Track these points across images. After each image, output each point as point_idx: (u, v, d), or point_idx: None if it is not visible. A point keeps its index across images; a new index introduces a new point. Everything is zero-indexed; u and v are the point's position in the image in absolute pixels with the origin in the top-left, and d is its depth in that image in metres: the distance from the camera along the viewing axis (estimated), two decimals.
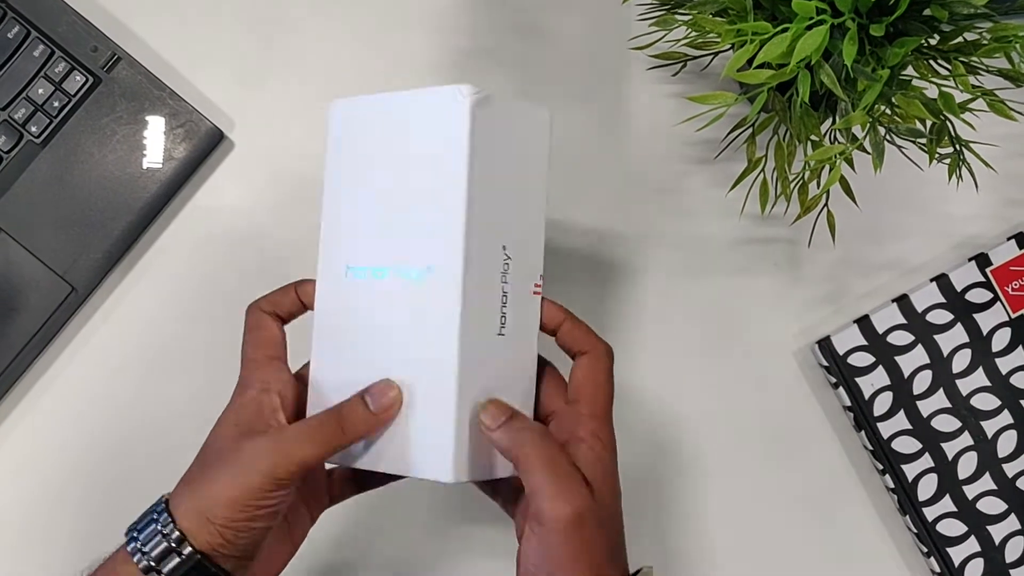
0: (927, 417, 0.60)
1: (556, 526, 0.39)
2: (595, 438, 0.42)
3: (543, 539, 0.39)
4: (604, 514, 0.40)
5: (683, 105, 0.63)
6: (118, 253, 0.62)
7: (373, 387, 0.43)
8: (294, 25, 0.65)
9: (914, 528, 0.60)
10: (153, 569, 0.41)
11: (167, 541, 0.41)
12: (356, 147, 0.45)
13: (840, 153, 0.47)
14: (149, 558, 0.41)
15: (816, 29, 0.42)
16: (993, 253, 0.61)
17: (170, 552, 0.40)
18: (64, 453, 0.62)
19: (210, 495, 0.41)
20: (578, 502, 0.39)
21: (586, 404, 0.43)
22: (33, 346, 0.61)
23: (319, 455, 0.41)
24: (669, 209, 0.63)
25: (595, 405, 0.43)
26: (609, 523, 0.41)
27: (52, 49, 0.62)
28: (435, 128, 0.42)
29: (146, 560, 0.41)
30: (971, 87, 0.46)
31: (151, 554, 0.41)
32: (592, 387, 0.43)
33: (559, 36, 0.64)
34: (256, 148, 0.64)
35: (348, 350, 0.45)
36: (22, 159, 0.62)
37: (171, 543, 0.41)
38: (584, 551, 0.39)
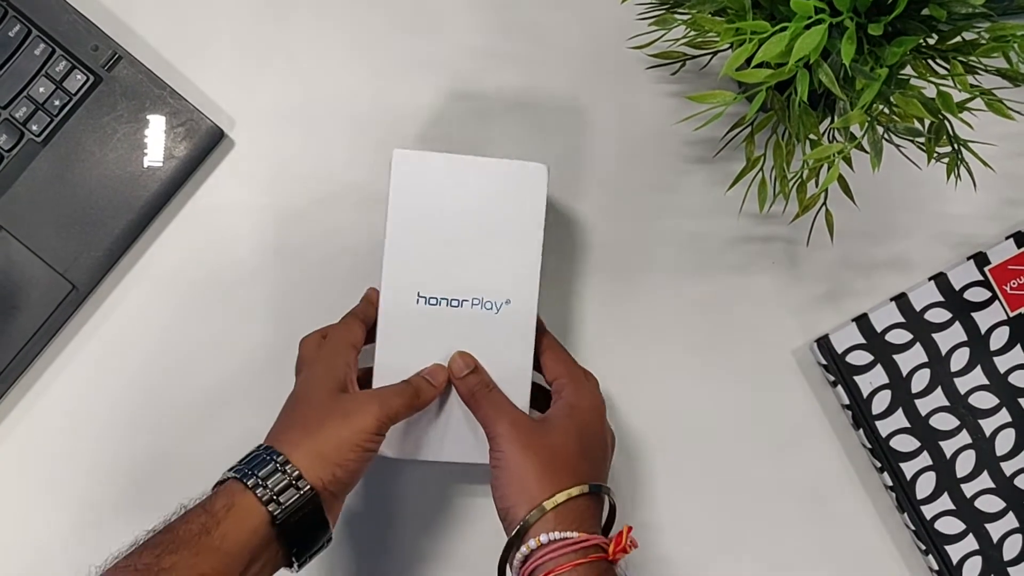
0: (925, 415, 0.60)
1: (497, 442, 0.51)
2: (559, 393, 0.55)
3: (494, 458, 0.51)
4: (554, 436, 0.51)
5: (682, 104, 0.63)
6: (119, 251, 0.62)
7: (427, 370, 0.54)
8: (295, 24, 0.65)
9: (912, 526, 0.60)
10: (273, 500, 0.47)
11: (287, 477, 0.47)
12: (422, 197, 0.55)
13: (838, 152, 0.47)
14: (271, 491, 0.47)
15: (814, 28, 0.43)
16: (991, 252, 0.62)
17: (289, 486, 0.47)
18: (65, 450, 0.62)
19: (328, 437, 0.49)
20: (513, 424, 0.51)
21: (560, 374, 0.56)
22: (34, 344, 0.61)
23: (406, 409, 0.52)
24: (668, 207, 0.64)
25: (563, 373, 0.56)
26: (564, 442, 0.51)
27: (53, 48, 0.62)
28: (515, 194, 0.55)
29: (269, 493, 0.46)
30: (969, 86, 0.46)
31: (273, 488, 0.47)
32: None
33: (558, 35, 0.64)
34: (256, 147, 0.64)
35: (415, 361, 0.54)
36: (23, 158, 0.62)
37: (290, 479, 0.47)
38: (526, 457, 0.50)
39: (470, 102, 0.64)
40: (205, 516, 0.46)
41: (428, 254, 0.55)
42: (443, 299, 0.55)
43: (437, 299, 0.55)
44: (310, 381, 0.52)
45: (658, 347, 0.63)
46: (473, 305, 0.55)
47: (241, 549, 0.46)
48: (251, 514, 0.46)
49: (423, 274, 0.55)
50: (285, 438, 0.49)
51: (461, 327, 0.55)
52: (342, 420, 0.50)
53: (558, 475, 0.50)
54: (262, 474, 0.47)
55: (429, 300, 0.55)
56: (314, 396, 0.51)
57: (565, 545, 0.48)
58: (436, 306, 0.55)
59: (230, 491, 0.47)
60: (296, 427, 0.50)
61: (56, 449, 0.62)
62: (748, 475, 0.62)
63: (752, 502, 0.62)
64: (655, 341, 0.63)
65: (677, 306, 0.63)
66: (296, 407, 0.52)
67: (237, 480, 0.47)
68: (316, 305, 0.60)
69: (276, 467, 0.47)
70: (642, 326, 0.63)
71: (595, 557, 0.48)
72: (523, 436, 0.51)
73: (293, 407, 0.52)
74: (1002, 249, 0.62)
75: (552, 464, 0.50)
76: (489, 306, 0.55)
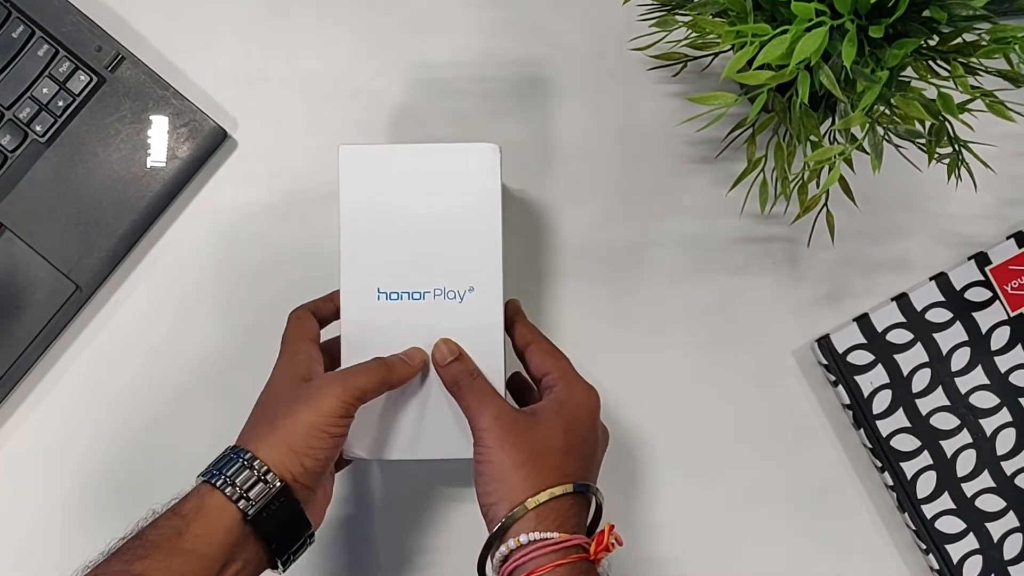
0: (926, 415, 0.61)
1: (480, 436, 0.50)
2: (549, 388, 0.53)
3: (478, 452, 0.50)
4: (540, 431, 0.50)
5: (684, 105, 0.64)
6: (122, 251, 0.62)
7: (406, 352, 0.53)
8: (297, 25, 0.65)
9: (913, 525, 0.60)
10: (243, 497, 0.46)
11: (255, 473, 0.46)
12: (374, 191, 0.53)
13: (839, 154, 0.47)
14: (239, 489, 0.46)
15: (815, 31, 0.43)
16: (992, 252, 0.62)
17: (258, 482, 0.46)
18: (69, 450, 0.62)
19: (292, 425, 0.48)
20: (496, 416, 0.50)
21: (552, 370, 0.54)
22: (38, 344, 0.62)
23: (375, 387, 0.50)
24: (669, 208, 0.64)
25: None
26: (551, 438, 0.50)
27: (56, 49, 0.62)
28: (467, 178, 0.53)
29: (237, 491, 0.46)
30: (970, 88, 0.46)
31: (241, 486, 0.46)
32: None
33: (559, 36, 0.65)
34: (259, 147, 0.64)
35: (383, 352, 0.52)
36: (27, 158, 0.62)
37: (258, 474, 0.46)
38: (510, 453, 0.49)
39: (472, 102, 0.64)
40: (176, 519, 0.46)
41: (385, 249, 0.53)
42: (404, 293, 0.53)
43: (398, 293, 0.53)
44: (272, 379, 0.52)
45: (659, 346, 0.63)
46: (436, 296, 0.53)
47: (215, 550, 0.45)
48: (222, 513, 0.46)
49: (382, 269, 0.53)
50: (251, 435, 0.49)
51: (426, 320, 0.53)
52: (304, 407, 0.48)
53: (543, 473, 0.49)
54: (229, 472, 0.46)
55: (390, 295, 0.53)
56: (276, 390, 0.51)
57: (545, 545, 0.47)
58: (397, 300, 0.53)
59: (199, 493, 0.47)
60: (261, 422, 0.49)
61: (60, 448, 0.62)
62: (748, 474, 0.62)
63: (752, 501, 0.62)
64: (656, 340, 0.63)
65: (678, 306, 0.63)
66: (261, 404, 0.51)
67: (206, 482, 0.47)
68: None
69: (243, 464, 0.47)
70: (643, 325, 0.63)
71: (576, 557, 0.47)
72: (508, 430, 0.49)
73: (258, 405, 0.51)
74: (1003, 249, 0.62)
75: (536, 461, 0.49)
76: (452, 295, 0.53)
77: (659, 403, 0.63)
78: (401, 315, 0.53)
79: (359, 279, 0.53)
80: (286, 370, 0.52)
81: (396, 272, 0.53)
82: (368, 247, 0.53)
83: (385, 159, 0.54)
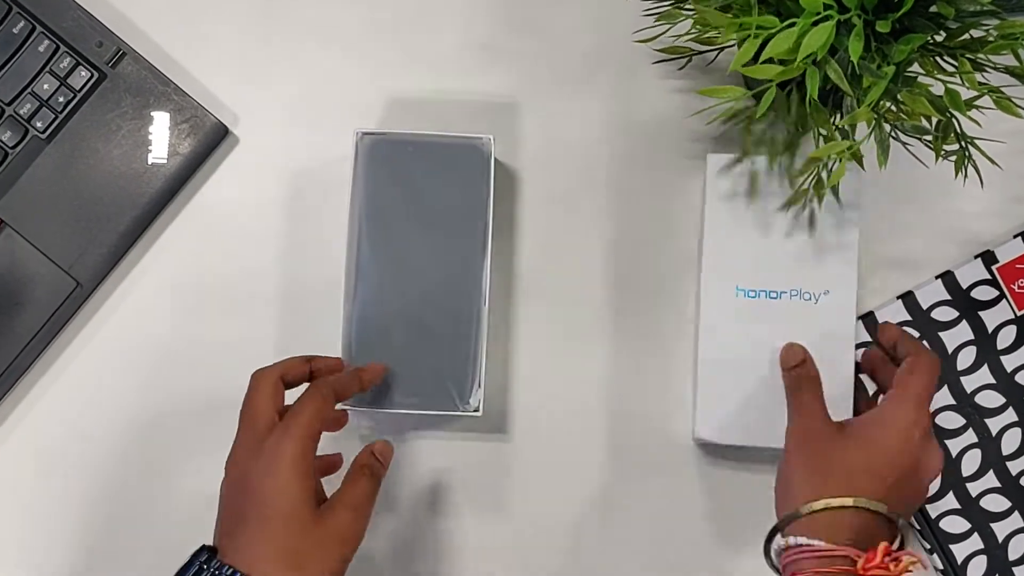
0: (931, 413, 0.60)
1: (786, 438, 0.53)
2: (886, 402, 0.53)
3: (783, 450, 0.53)
4: (841, 443, 0.51)
5: (689, 99, 0.63)
6: (123, 248, 0.62)
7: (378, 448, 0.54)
8: (298, 20, 0.65)
9: (917, 525, 0.60)
10: None
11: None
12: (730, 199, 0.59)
13: (847, 148, 0.46)
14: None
15: (822, 25, 0.42)
16: (999, 250, 0.61)
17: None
18: (69, 447, 0.62)
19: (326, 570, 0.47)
20: (805, 423, 0.53)
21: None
22: (38, 341, 0.61)
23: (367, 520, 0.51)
24: (673, 202, 0.63)
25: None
26: (849, 452, 0.51)
27: (57, 44, 0.62)
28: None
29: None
30: (977, 84, 0.46)
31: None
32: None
33: (564, 30, 0.64)
34: (260, 143, 0.64)
35: (740, 346, 0.58)
36: (27, 154, 0.62)
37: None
38: (800, 458, 0.51)
39: (475, 97, 0.64)
40: None
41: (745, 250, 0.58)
42: (761, 291, 0.58)
43: (756, 292, 0.58)
44: (280, 492, 0.47)
45: (661, 340, 0.63)
46: (792, 297, 0.58)
47: None
48: None
49: (741, 268, 0.58)
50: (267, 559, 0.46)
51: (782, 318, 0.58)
52: (334, 549, 0.47)
53: (827, 483, 0.49)
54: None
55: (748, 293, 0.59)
56: (292, 518, 0.47)
57: (811, 551, 0.47)
58: (755, 298, 0.58)
59: None
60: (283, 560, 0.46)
61: (61, 445, 0.62)
62: (750, 468, 0.62)
63: (756, 497, 0.62)
64: (659, 335, 0.63)
65: (681, 299, 0.63)
66: (268, 525, 0.47)
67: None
68: (321, 301, 0.60)
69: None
70: (644, 321, 0.63)
71: (839, 569, 0.47)
72: (808, 439, 0.51)
73: (265, 524, 0.47)
74: (1010, 247, 0.61)
75: (823, 471, 0.50)
76: (808, 297, 0.58)
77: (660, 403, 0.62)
78: (759, 313, 0.58)
79: (719, 276, 0.58)
80: (297, 488, 0.47)
81: (752, 272, 0.58)
82: (726, 247, 0.58)
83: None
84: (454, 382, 0.57)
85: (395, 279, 0.58)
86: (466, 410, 0.57)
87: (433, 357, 0.57)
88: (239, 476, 0.49)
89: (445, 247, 0.58)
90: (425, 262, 0.58)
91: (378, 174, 0.58)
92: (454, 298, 0.57)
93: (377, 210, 0.58)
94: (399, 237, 0.58)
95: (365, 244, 0.58)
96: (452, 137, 0.59)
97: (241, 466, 0.49)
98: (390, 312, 0.57)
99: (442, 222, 0.58)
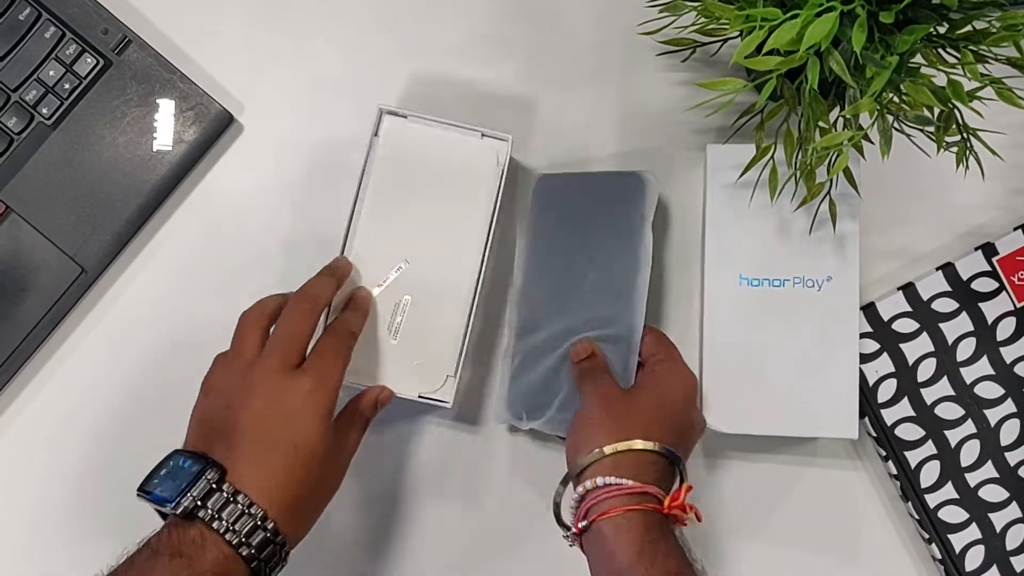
0: (931, 404, 0.61)
1: (580, 400, 0.55)
2: (653, 368, 0.57)
3: (575, 414, 0.54)
4: (634, 399, 0.54)
5: (692, 91, 0.63)
6: (128, 235, 0.62)
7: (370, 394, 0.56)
8: (304, 9, 0.65)
9: (916, 515, 0.60)
10: (244, 544, 0.46)
11: (253, 520, 0.47)
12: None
13: (849, 139, 0.47)
14: (240, 535, 0.46)
15: (826, 16, 0.43)
16: (1000, 243, 0.62)
17: (256, 529, 0.47)
18: (73, 433, 0.63)
19: (319, 509, 0.51)
20: (599, 391, 0.54)
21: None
22: (43, 326, 0.62)
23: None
24: (675, 196, 0.63)
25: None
26: (643, 405, 0.53)
27: (63, 31, 0.62)
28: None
29: (238, 537, 0.46)
30: (980, 75, 0.46)
31: (241, 531, 0.46)
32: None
33: (568, 21, 0.64)
34: (265, 131, 0.64)
35: (745, 335, 0.58)
36: (33, 141, 0.62)
37: (257, 520, 0.47)
38: (601, 410, 0.53)
39: (479, 87, 0.64)
40: (189, 572, 0.46)
41: (745, 241, 0.59)
42: (764, 280, 0.59)
43: (759, 280, 0.59)
44: (318, 437, 0.50)
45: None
46: (795, 284, 0.58)
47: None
48: (235, 570, 0.47)
49: (743, 257, 0.59)
50: (286, 512, 0.48)
51: (786, 305, 0.59)
52: (324, 497, 0.51)
53: (627, 429, 0.51)
54: (257, 543, 0.47)
55: (751, 281, 0.59)
56: (317, 461, 0.49)
57: (618, 490, 0.48)
58: (758, 287, 0.59)
59: (224, 557, 0.46)
60: (296, 501, 0.48)
61: (66, 431, 0.63)
62: (752, 461, 0.62)
63: (756, 489, 0.62)
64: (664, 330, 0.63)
65: (685, 293, 0.63)
66: (295, 464, 0.49)
67: (227, 543, 0.46)
68: None
69: (241, 510, 0.47)
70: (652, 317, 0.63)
71: (648, 506, 0.48)
72: (603, 400, 0.53)
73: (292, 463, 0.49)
74: (1010, 240, 0.61)
75: (624, 420, 0.52)
76: (811, 284, 0.58)
77: None
78: (764, 301, 0.58)
79: (722, 266, 0.59)
80: (324, 434, 0.50)
81: (754, 262, 0.58)
82: (727, 239, 0.58)
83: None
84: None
85: (552, 299, 0.59)
86: None
87: None
88: (231, 403, 0.50)
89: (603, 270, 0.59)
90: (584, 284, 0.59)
91: (548, 208, 0.60)
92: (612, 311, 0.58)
93: (542, 238, 0.60)
94: (560, 263, 0.59)
95: (530, 270, 0.60)
96: (613, 171, 0.62)
97: (239, 395, 0.50)
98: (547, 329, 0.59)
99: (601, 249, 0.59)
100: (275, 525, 0.47)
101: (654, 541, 0.48)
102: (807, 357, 0.58)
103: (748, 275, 0.58)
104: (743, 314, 0.58)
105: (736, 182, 0.58)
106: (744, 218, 0.59)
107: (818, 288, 0.58)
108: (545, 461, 0.62)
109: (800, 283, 0.58)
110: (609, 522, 0.49)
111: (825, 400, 0.58)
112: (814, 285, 0.58)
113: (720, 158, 0.59)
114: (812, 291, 0.58)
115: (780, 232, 0.58)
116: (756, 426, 0.58)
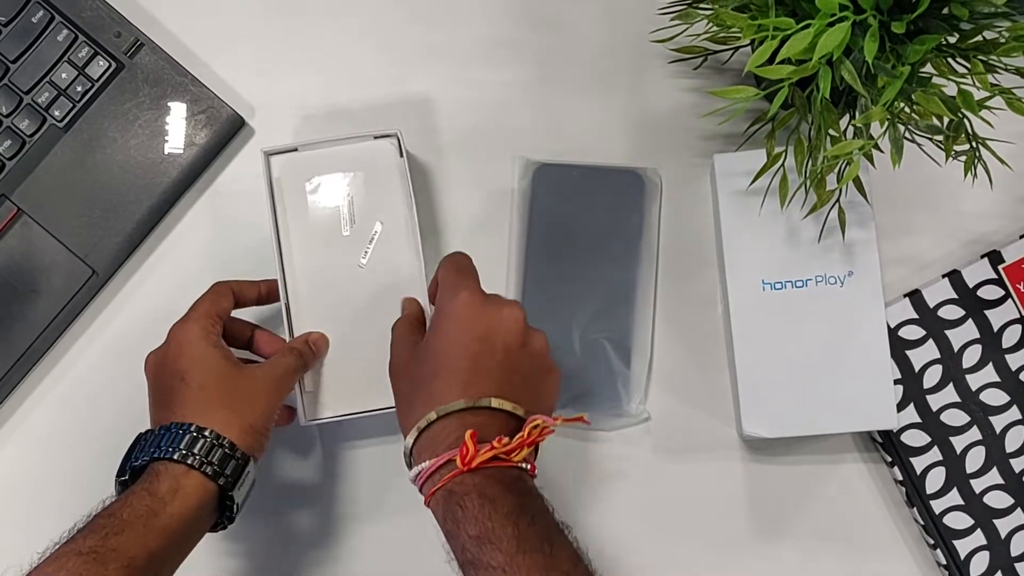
0: (936, 411, 0.61)
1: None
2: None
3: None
4: (417, 363, 0.51)
5: (703, 99, 0.64)
6: (139, 237, 0.63)
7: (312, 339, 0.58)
8: (315, 13, 0.65)
9: (921, 520, 0.61)
10: (220, 474, 0.50)
11: (223, 449, 0.50)
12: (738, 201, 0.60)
13: (860, 148, 0.47)
14: (215, 466, 0.50)
15: (838, 26, 0.43)
16: (1006, 250, 0.62)
17: (230, 459, 0.51)
18: (83, 435, 0.63)
19: (257, 413, 0.53)
20: (391, 361, 0.53)
21: None
22: (54, 328, 0.62)
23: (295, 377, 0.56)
24: (686, 202, 0.64)
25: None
26: (423, 367, 0.50)
27: (76, 34, 0.63)
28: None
29: (214, 468, 0.50)
30: (989, 85, 0.46)
31: (218, 464, 0.50)
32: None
33: (580, 28, 0.65)
34: (276, 135, 0.65)
35: (775, 339, 0.58)
36: (45, 143, 0.63)
37: (227, 449, 0.50)
38: (396, 394, 0.52)
39: (490, 93, 0.64)
40: (150, 499, 0.48)
41: (763, 245, 0.59)
42: (787, 282, 0.59)
43: (782, 283, 0.59)
44: (196, 356, 0.53)
45: (667, 339, 0.63)
46: (818, 282, 0.59)
47: (190, 528, 0.49)
48: (200, 492, 0.50)
49: (765, 263, 0.59)
50: (210, 417, 0.51)
51: (809, 305, 0.59)
52: (267, 397, 0.54)
53: (413, 409, 0.49)
54: (200, 451, 0.50)
55: (774, 285, 0.59)
56: (215, 372, 0.53)
57: (425, 474, 0.47)
58: (782, 290, 0.59)
59: (172, 474, 0.49)
60: (216, 406, 0.52)
61: (75, 432, 0.63)
62: (755, 464, 0.62)
63: (758, 491, 0.62)
64: (665, 333, 0.63)
65: (690, 297, 0.63)
66: (200, 386, 0.53)
67: (176, 463, 0.49)
68: None
69: (213, 443, 0.50)
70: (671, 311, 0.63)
71: (447, 478, 0.46)
72: (393, 372, 0.53)
73: (201, 385, 0.53)
74: (1017, 247, 0.62)
75: (409, 397, 0.50)
76: (833, 280, 0.59)
77: (659, 395, 0.63)
78: (788, 303, 0.58)
79: (743, 273, 0.59)
80: (211, 352, 0.53)
81: (776, 266, 0.59)
82: (744, 245, 0.59)
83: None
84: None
85: (556, 294, 0.60)
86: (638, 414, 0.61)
87: None
88: (157, 372, 0.54)
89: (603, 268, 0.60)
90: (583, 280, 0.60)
91: (546, 198, 0.61)
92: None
93: (542, 231, 0.61)
94: (561, 256, 0.60)
95: (531, 263, 0.61)
96: (614, 166, 0.62)
97: (155, 365, 0.55)
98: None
99: (601, 245, 0.60)
100: (212, 430, 0.50)
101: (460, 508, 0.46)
102: (838, 353, 0.58)
103: (770, 280, 0.59)
104: (770, 319, 0.58)
105: (747, 189, 0.58)
106: (756, 224, 0.59)
107: (840, 284, 0.58)
108: (544, 461, 0.62)
109: (822, 281, 0.58)
110: (436, 503, 0.47)
111: (861, 393, 0.58)
112: (836, 281, 0.58)
113: (728, 166, 0.59)
114: (835, 287, 0.58)
115: (793, 236, 0.59)
116: (798, 427, 0.59)
